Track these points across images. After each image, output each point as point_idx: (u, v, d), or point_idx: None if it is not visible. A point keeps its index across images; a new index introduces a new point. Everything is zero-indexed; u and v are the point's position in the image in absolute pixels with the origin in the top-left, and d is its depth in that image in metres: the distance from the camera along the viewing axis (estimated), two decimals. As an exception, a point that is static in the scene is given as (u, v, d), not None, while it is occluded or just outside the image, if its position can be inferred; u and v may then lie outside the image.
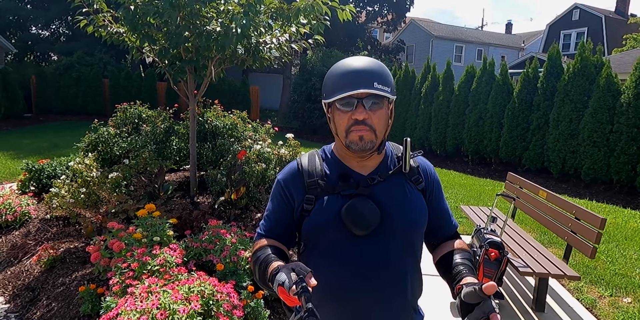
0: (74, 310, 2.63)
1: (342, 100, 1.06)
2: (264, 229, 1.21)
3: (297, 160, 1.20)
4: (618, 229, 4.70)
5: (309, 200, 1.12)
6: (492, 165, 8.90)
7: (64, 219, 4.03)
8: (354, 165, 1.14)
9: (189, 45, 3.81)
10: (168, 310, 2.00)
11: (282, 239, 1.18)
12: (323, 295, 1.07)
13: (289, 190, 1.16)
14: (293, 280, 0.88)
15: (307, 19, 3.85)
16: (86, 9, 3.79)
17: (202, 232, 3.16)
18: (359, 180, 1.12)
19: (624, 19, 23.26)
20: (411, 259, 1.14)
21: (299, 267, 0.93)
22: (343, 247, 1.08)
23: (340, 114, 1.08)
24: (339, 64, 1.11)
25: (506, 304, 3.01)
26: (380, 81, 1.05)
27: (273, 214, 1.19)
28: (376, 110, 1.06)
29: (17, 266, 3.39)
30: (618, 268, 3.61)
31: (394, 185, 1.13)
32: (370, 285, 1.08)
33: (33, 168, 4.83)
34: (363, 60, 1.08)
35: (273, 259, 1.06)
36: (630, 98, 6.54)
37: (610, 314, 2.90)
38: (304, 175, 1.14)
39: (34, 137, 10.86)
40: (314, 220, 1.10)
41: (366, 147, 1.07)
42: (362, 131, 1.06)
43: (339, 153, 1.17)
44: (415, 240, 1.15)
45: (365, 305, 1.09)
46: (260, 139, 5.07)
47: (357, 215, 1.06)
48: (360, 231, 1.06)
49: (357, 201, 1.07)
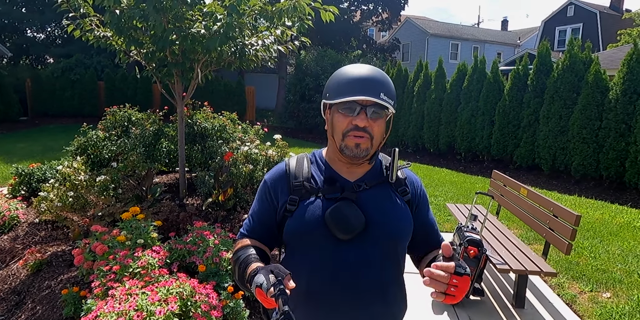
0: (58, 313, 2.66)
1: (345, 104, 1.06)
2: (246, 228, 1.21)
3: (286, 161, 1.20)
4: (604, 225, 4.74)
5: (292, 201, 1.11)
6: (484, 163, 8.94)
7: (52, 222, 4.07)
8: (343, 171, 1.15)
9: (175, 48, 3.84)
10: (145, 312, 2.04)
11: (264, 240, 1.18)
12: (301, 299, 1.07)
13: (274, 190, 1.16)
14: (271, 282, 0.88)
15: (291, 21, 3.88)
16: (73, 13, 3.82)
17: (187, 233, 3.20)
18: (345, 186, 1.12)
19: (618, 15, 23.29)
20: (393, 270, 1.13)
21: (278, 269, 0.92)
22: (324, 250, 1.08)
23: (340, 116, 1.08)
24: (348, 68, 1.11)
25: (487, 300, 3.05)
26: (386, 92, 1.06)
27: (257, 214, 1.19)
28: (376, 120, 1.07)
29: (4, 270, 3.42)
30: (600, 263, 3.65)
31: (380, 193, 1.13)
32: (349, 291, 1.07)
33: (23, 172, 4.86)
34: (373, 70, 1.09)
35: (253, 259, 1.06)
36: (619, 94, 6.58)
37: (589, 309, 2.94)
38: (290, 176, 1.15)
39: (28, 141, 10.88)
40: (297, 221, 1.10)
41: (360, 154, 1.08)
42: (360, 139, 1.06)
43: (330, 157, 1.18)
44: (398, 250, 1.14)
45: (343, 311, 1.08)
46: (249, 140, 5.10)
47: (341, 218, 1.05)
48: (344, 235, 1.05)
49: (342, 204, 1.07)
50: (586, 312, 2.92)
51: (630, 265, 3.62)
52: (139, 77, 14.83)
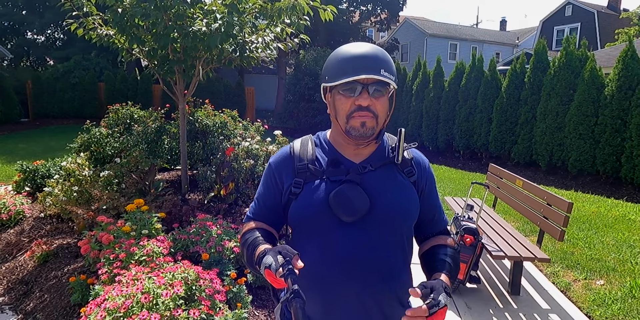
0: (65, 300, 2.73)
1: (345, 85, 1.04)
2: (252, 211, 1.21)
3: (291, 144, 1.19)
4: (599, 218, 4.81)
5: (297, 184, 1.10)
6: (483, 160, 9.02)
7: (57, 217, 4.14)
8: (348, 153, 1.13)
9: (176, 45, 3.92)
10: (152, 294, 2.11)
11: (270, 222, 1.18)
12: (309, 281, 1.06)
13: (279, 173, 1.15)
14: (280, 263, 0.89)
15: (290, 19, 3.96)
16: (76, 12, 3.89)
17: (190, 225, 3.27)
18: (350, 168, 1.10)
19: (616, 14, 23.40)
20: (399, 251, 1.12)
21: (286, 250, 0.93)
22: (329, 233, 1.07)
23: (342, 98, 1.06)
24: (344, 48, 1.08)
25: (483, 287, 3.13)
26: (386, 68, 1.04)
27: (262, 197, 1.19)
28: (379, 98, 1.05)
29: (12, 262, 3.50)
30: (594, 253, 3.72)
31: (386, 175, 1.11)
32: (354, 273, 1.06)
33: (27, 169, 4.93)
34: (369, 46, 1.06)
35: (260, 241, 1.06)
36: (614, 90, 6.66)
37: (582, 296, 3.02)
38: (295, 159, 1.13)
39: (29, 142, 10.96)
40: (302, 204, 1.09)
41: (367, 133, 1.05)
42: (364, 117, 1.04)
43: (335, 140, 1.16)
44: (404, 232, 1.12)
45: (349, 292, 1.07)
46: (250, 136, 5.18)
47: (345, 201, 1.04)
48: (348, 217, 1.04)
49: (346, 187, 1.05)
50: (580, 298, 3.00)
51: (623, 255, 3.70)
52: (138, 78, 15.01)
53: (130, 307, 2.05)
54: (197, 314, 2.10)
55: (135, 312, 2.03)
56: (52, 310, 2.69)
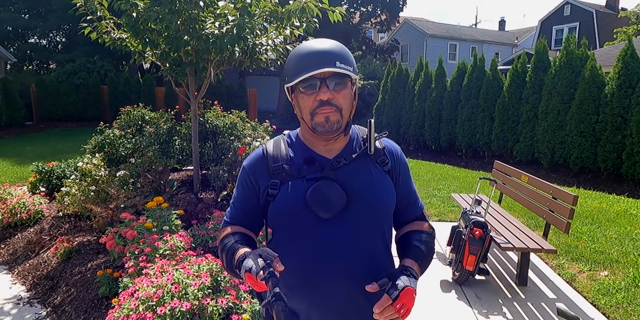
0: (92, 293, 2.85)
1: (304, 82, 1.04)
2: (229, 216, 1.21)
3: (263, 146, 1.19)
4: (602, 213, 4.93)
5: (274, 185, 1.10)
6: (485, 158, 9.14)
7: (75, 215, 4.26)
8: (320, 149, 1.13)
9: (189, 48, 4.04)
10: (182, 285, 2.23)
11: (248, 226, 1.18)
12: (292, 280, 1.08)
13: (254, 175, 1.15)
14: (260, 266, 0.89)
15: (299, 21, 4.07)
16: (90, 16, 4.01)
17: (208, 221, 3.39)
18: (324, 164, 1.11)
19: (614, 13, 23.56)
20: (380, 241, 1.13)
21: (266, 252, 0.93)
22: (310, 230, 1.08)
23: (304, 96, 1.06)
24: (299, 47, 1.09)
25: (491, 279, 3.25)
26: (342, 60, 1.04)
27: (238, 201, 1.19)
28: (340, 90, 1.05)
29: (35, 259, 3.62)
30: (598, 246, 3.84)
31: (360, 167, 1.12)
32: (339, 268, 1.07)
33: (43, 170, 5.05)
34: (323, 42, 1.07)
35: (240, 245, 1.06)
36: (614, 89, 6.79)
37: (587, 286, 3.13)
38: (269, 160, 1.13)
39: (36, 144, 11.08)
40: (280, 204, 1.09)
41: (333, 128, 1.06)
42: (327, 112, 1.04)
43: (305, 137, 1.16)
44: (383, 223, 1.13)
45: (335, 288, 1.08)
46: (259, 136, 5.30)
47: (322, 198, 1.05)
48: (326, 214, 1.05)
49: (322, 184, 1.06)
50: (585, 288, 3.11)
51: (626, 247, 3.82)
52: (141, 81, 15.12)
53: (162, 296, 2.17)
54: (224, 303, 2.22)
55: (167, 301, 2.14)
56: (80, 303, 2.81)
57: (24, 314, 2.86)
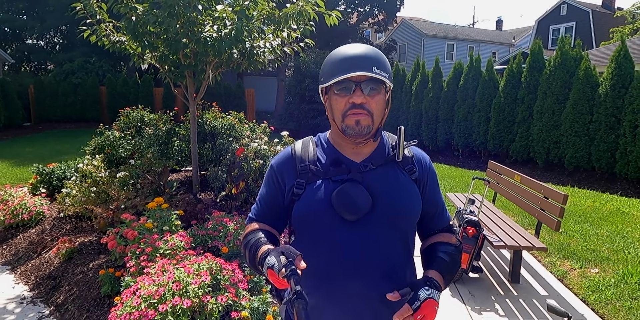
0: (95, 292, 2.92)
1: (339, 84, 1.05)
2: (255, 213, 1.22)
3: (292, 146, 1.21)
4: (594, 211, 5.02)
5: (299, 185, 1.11)
6: (481, 158, 9.23)
7: (76, 216, 4.32)
8: (348, 153, 1.14)
9: (187, 51, 4.10)
10: (182, 283, 2.30)
11: (273, 224, 1.20)
12: (312, 281, 1.07)
13: (281, 174, 1.16)
14: (282, 263, 0.89)
15: (296, 24, 4.13)
16: (90, 20, 4.07)
17: (207, 222, 3.46)
18: (351, 167, 1.11)
19: (610, 13, 23.69)
20: (402, 249, 1.13)
21: (289, 250, 0.93)
22: (332, 232, 1.08)
23: (337, 98, 1.07)
24: (337, 50, 1.10)
25: (485, 277, 3.32)
26: (379, 66, 1.05)
27: (264, 199, 1.20)
28: (374, 96, 1.06)
29: (37, 259, 3.67)
30: (589, 244, 3.92)
31: (387, 173, 1.12)
32: (359, 271, 1.07)
33: (44, 171, 5.11)
34: (362, 47, 1.08)
35: (263, 242, 1.07)
36: (608, 89, 6.88)
37: (578, 283, 3.22)
38: (297, 160, 1.15)
39: (35, 145, 11.11)
40: (304, 204, 1.10)
41: (362, 131, 1.06)
42: (359, 115, 1.05)
43: (334, 140, 1.17)
44: (407, 230, 1.14)
45: (354, 290, 1.08)
46: (257, 137, 5.36)
47: (347, 200, 1.05)
48: (351, 216, 1.06)
49: (348, 186, 1.07)
50: (576, 285, 3.19)
51: (617, 245, 3.90)
52: (139, 82, 15.15)
53: (163, 294, 2.23)
54: (224, 300, 2.29)
55: (169, 299, 2.21)
56: (82, 302, 2.87)
57: (28, 313, 2.93)
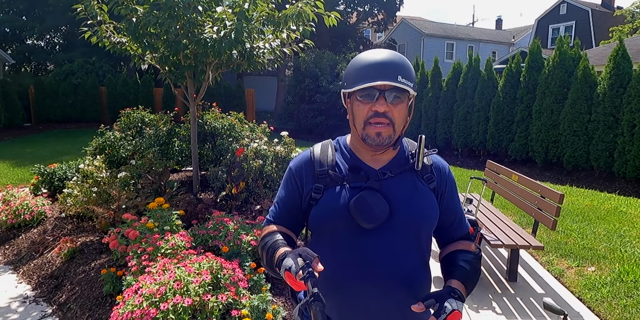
0: (97, 291, 2.95)
1: (363, 91, 1.04)
2: (272, 215, 1.21)
3: (311, 149, 1.19)
4: (592, 210, 5.05)
5: (317, 189, 1.11)
6: (481, 157, 9.26)
7: (77, 216, 4.35)
8: (367, 159, 1.14)
9: (187, 52, 4.13)
10: (183, 282, 2.33)
11: (290, 226, 1.19)
12: (327, 286, 1.06)
13: (299, 177, 1.16)
14: (300, 266, 0.89)
15: (296, 26, 4.16)
16: (90, 21, 4.10)
17: (207, 221, 3.49)
18: (370, 174, 1.10)
19: (610, 12, 23.72)
20: (418, 257, 1.13)
21: (306, 252, 0.93)
22: (349, 239, 1.08)
23: (360, 104, 1.06)
24: (363, 55, 1.09)
25: (483, 275, 3.36)
26: (404, 75, 1.04)
27: (282, 201, 1.20)
28: (397, 104, 1.05)
29: (39, 259, 3.71)
30: (586, 243, 3.96)
31: (405, 181, 1.12)
32: (374, 279, 1.07)
33: (45, 171, 5.14)
34: (388, 53, 1.07)
35: (281, 244, 1.06)
36: (606, 88, 6.91)
37: (575, 281, 3.25)
38: (315, 164, 1.14)
39: (36, 146, 11.14)
40: (321, 210, 1.10)
41: (384, 142, 1.06)
42: (380, 127, 1.05)
43: (354, 145, 1.16)
44: (423, 238, 1.13)
45: (368, 298, 1.08)
46: (257, 137, 5.40)
47: (365, 208, 1.04)
48: (368, 224, 1.05)
49: (366, 194, 1.06)
50: (572, 283, 3.23)
51: (614, 244, 3.94)
52: (139, 82, 15.19)
53: (165, 293, 2.27)
54: (224, 299, 2.32)
55: (170, 297, 2.25)
56: (84, 301, 2.91)
57: (31, 312, 2.96)
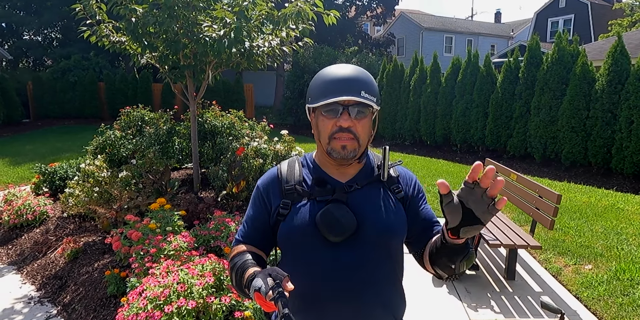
0: (101, 292, 2.99)
1: (327, 106, 1.06)
2: (241, 234, 1.21)
3: (278, 166, 1.21)
4: (590, 207, 5.10)
5: (285, 205, 1.12)
6: (479, 153, 9.29)
7: (79, 216, 4.39)
8: (333, 173, 1.15)
9: (187, 51, 4.13)
10: (187, 284, 2.37)
11: (259, 245, 1.19)
12: (299, 303, 1.08)
13: (267, 195, 1.17)
14: (269, 286, 0.88)
15: (295, 24, 4.16)
16: (90, 20, 4.09)
17: (209, 221, 3.53)
18: (336, 187, 1.12)
19: (609, 5, 23.61)
20: (389, 269, 1.13)
21: (276, 272, 0.92)
22: (318, 253, 1.08)
23: (324, 120, 1.08)
24: (326, 70, 1.11)
25: (481, 274, 3.41)
26: (367, 90, 1.06)
27: (250, 220, 1.20)
28: (361, 119, 1.07)
29: (43, 259, 3.75)
30: (584, 240, 4.00)
31: (372, 193, 1.13)
32: (345, 293, 1.07)
33: (46, 171, 5.16)
34: (351, 68, 1.09)
35: (250, 264, 1.05)
36: (604, 85, 6.93)
37: (572, 279, 3.30)
38: (282, 180, 1.16)
39: (35, 143, 11.14)
40: (289, 225, 1.10)
41: (348, 156, 1.07)
42: (345, 140, 1.06)
43: (320, 160, 1.17)
44: (392, 249, 1.13)
45: (340, 312, 1.08)
46: (257, 136, 5.42)
47: (332, 221, 1.05)
48: (335, 237, 1.05)
49: (332, 207, 1.07)
50: (570, 281, 3.28)
51: (611, 242, 3.98)
52: (138, 78, 15.13)
53: (169, 296, 2.31)
54: (227, 301, 2.36)
55: (174, 300, 2.28)
56: (89, 302, 2.95)
57: (36, 313, 3.01)
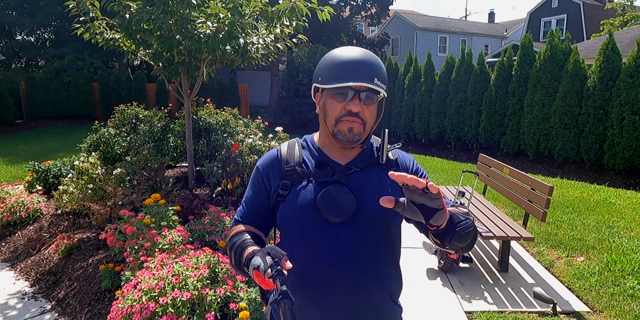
0: (95, 287, 2.99)
1: (338, 89, 1.06)
2: (240, 215, 1.22)
3: (278, 147, 1.21)
4: (582, 202, 5.15)
5: (284, 186, 1.12)
6: (473, 151, 9.35)
7: (73, 213, 4.37)
8: (334, 155, 1.16)
9: (181, 48, 4.13)
10: (182, 276, 2.38)
11: (258, 225, 1.20)
12: (298, 283, 1.08)
13: (266, 176, 1.18)
14: (268, 264, 0.88)
15: (289, 21, 4.17)
16: (83, 17, 4.08)
17: (204, 217, 3.53)
18: (336, 169, 1.13)
19: (601, 5, 23.83)
20: (387, 250, 1.14)
21: (275, 250, 0.93)
22: (317, 234, 1.09)
23: (333, 102, 1.08)
24: (340, 51, 1.10)
25: (475, 266, 3.43)
26: (379, 77, 1.06)
27: (250, 200, 1.21)
28: (370, 105, 1.07)
29: (36, 256, 3.73)
30: (576, 234, 4.05)
31: (371, 175, 1.14)
32: (343, 273, 1.08)
33: (39, 169, 5.14)
34: (364, 52, 1.09)
35: (249, 244, 1.06)
36: (596, 82, 7.00)
37: (564, 271, 3.33)
38: (282, 161, 1.16)
39: (28, 143, 11.07)
40: (289, 206, 1.11)
41: (354, 139, 1.08)
42: (353, 123, 1.07)
43: (322, 141, 1.18)
44: (391, 231, 1.15)
45: (338, 293, 1.09)
46: (252, 133, 5.42)
47: (332, 202, 1.06)
48: (335, 218, 1.07)
49: (332, 188, 1.08)
50: (562, 273, 3.31)
51: (602, 234, 4.03)
52: (132, 78, 15.08)
53: (163, 287, 2.31)
54: (222, 292, 2.37)
55: (168, 291, 2.29)
56: (83, 297, 2.94)
57: (30, 308, 2.99)
